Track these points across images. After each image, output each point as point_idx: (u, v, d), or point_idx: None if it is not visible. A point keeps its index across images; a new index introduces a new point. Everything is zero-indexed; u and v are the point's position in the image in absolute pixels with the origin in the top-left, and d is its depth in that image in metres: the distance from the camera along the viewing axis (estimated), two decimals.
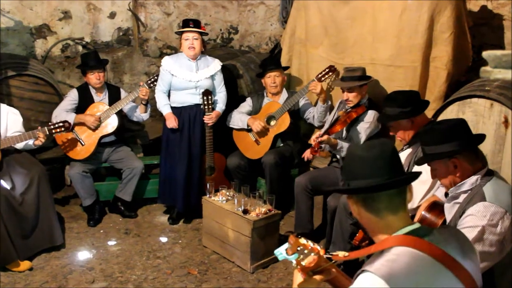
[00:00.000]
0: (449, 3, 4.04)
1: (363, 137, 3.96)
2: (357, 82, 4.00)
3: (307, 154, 4.25)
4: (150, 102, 4.73)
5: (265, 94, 4.77)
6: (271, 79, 4.61)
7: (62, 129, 4.16)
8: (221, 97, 4.61)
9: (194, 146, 4.51)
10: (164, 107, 4.49)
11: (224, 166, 4.75)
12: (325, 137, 3.73)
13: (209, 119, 4.42)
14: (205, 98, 4.37)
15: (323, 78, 4.44)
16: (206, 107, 4.39)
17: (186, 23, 4.43)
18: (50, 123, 4.16)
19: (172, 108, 4.49)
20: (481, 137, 2.48)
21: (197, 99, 4.46)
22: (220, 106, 4.58)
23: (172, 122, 4.41)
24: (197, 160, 4.53)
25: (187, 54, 4.44)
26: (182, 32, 4.43)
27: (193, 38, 4.38)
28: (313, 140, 3.80)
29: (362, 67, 4.19)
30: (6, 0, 5.59)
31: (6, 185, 3.80)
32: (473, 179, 2.36)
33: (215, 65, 4.56)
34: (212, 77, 4.52)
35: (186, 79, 4.42)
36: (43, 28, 5.92)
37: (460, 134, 2.37)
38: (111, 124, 4.61)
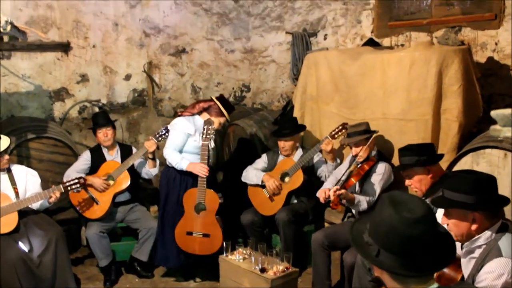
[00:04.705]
0: (456, 56, 4.12)
1: (378, 189, 3.97)
2: (362, 136, 4.08)
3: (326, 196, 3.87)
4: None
5: (279, 151, 4.81)
6: (281, 143, 4.68)
7: (78, 185, 4.13)
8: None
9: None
10: (182, 161, 4.33)
11: (217, 208, 4.35)
12: (343, 190, 3.74)
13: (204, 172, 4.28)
14: (205, 127, 4.27)
15: (336, 136, 4.49)
16: (205, 136, 4.25)
17: None
18: (65, 181, 4.17)
19: (174, 169, 4.42)
20: (506, 201, 2.46)
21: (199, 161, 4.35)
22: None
23: (203, 169, 4.24)
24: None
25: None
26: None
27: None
28: (330, 194, 3.74)
29: (366, 121, 4.26)
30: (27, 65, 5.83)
31: (24, 247, 3.82)
32: (488, 233, 2.34)
33: None
34: None
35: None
36: (62, 91, 6.11)
37: (487, 190, 2.36)
38: (124, 181, 4.66)
